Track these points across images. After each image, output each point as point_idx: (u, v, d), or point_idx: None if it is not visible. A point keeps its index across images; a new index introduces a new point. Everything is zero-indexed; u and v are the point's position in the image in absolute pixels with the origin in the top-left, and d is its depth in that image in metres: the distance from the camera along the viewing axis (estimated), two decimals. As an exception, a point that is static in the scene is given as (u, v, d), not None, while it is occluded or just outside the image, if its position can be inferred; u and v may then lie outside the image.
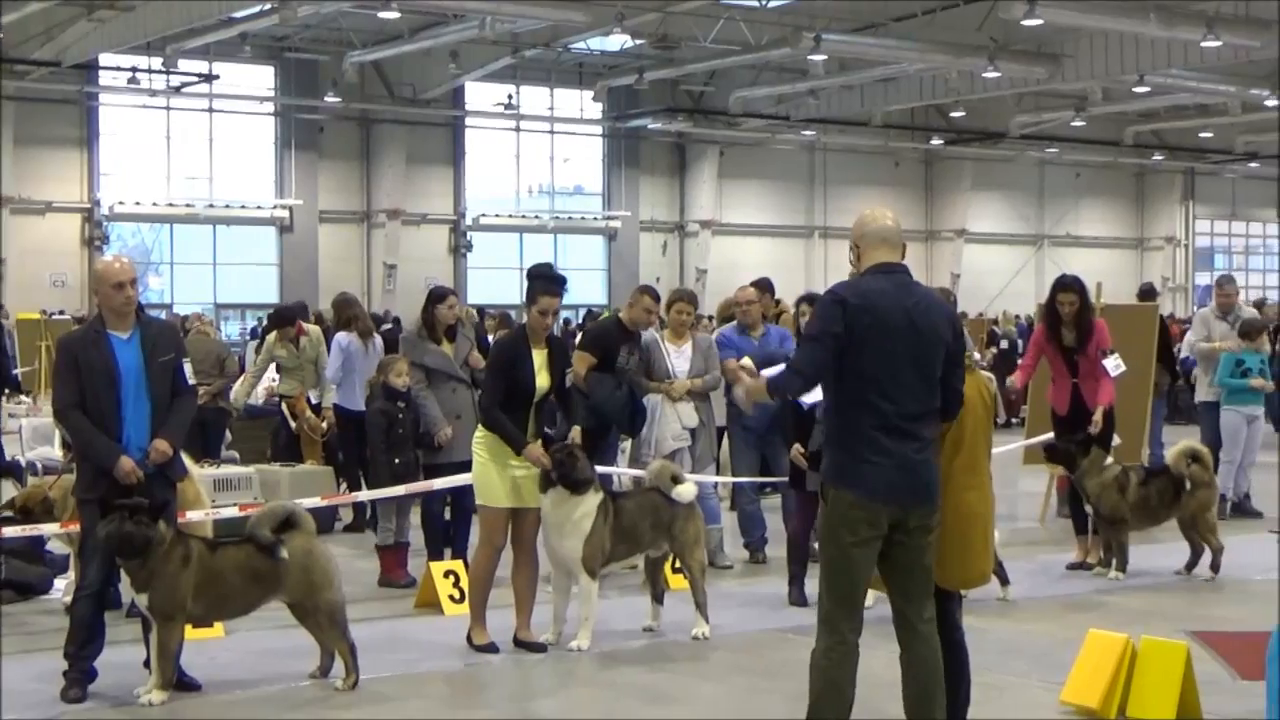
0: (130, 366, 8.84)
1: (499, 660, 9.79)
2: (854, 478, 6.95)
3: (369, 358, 14.35)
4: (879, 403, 6.91)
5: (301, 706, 8.70)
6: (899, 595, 7.12)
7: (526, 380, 9.89)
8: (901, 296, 7.07)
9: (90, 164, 42.79)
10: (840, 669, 6.92)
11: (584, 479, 9.88)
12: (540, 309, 9.96)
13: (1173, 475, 12.53)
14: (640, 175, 50.61)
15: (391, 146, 45.79)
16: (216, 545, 9.06)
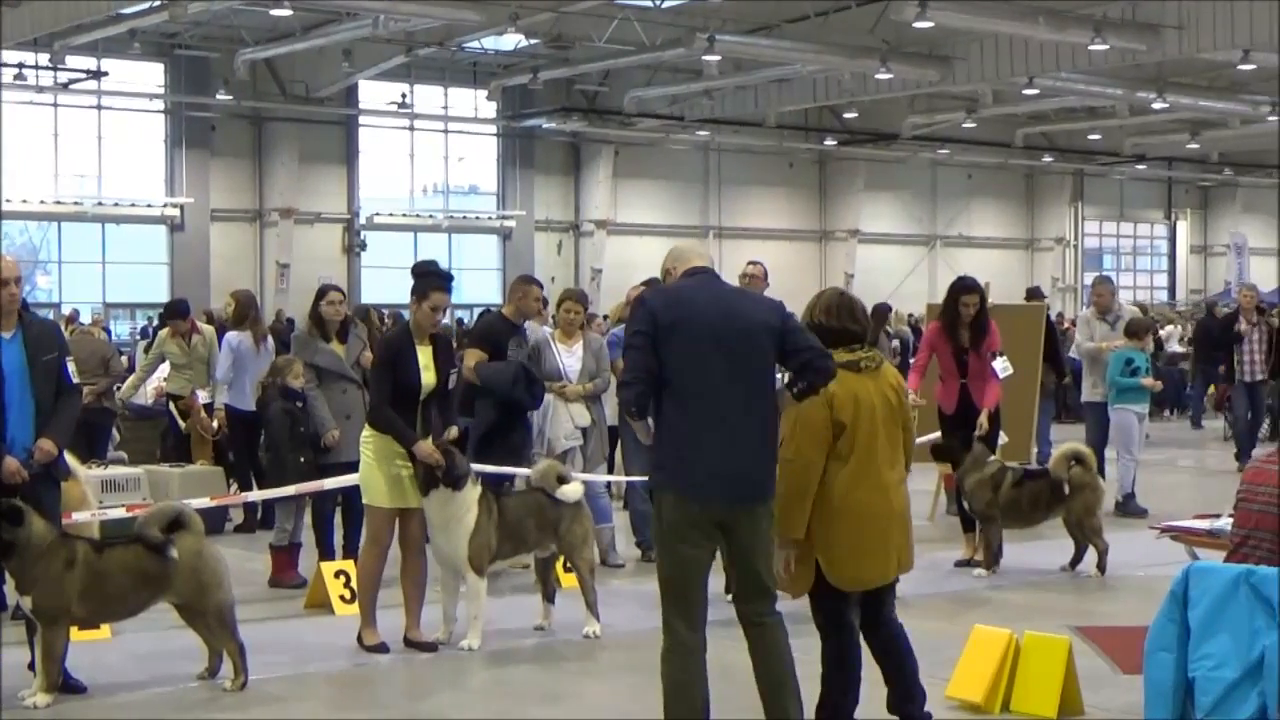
0: (13, 366, 8.75)
1: (389, 660, 9.78)
2: (674, 478, 6.98)
3: (260, 358, 14.27)
4: (694, 399, 6.91)
5: (190, 708, 8.65)
6: (736, 593, 7.20)
7: (412, 377, 9.88)
8: (709, 290, 7.11)
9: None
10: (683, 670, 6.95)
11: (463, 474, 9.90)
12: (432, 305, 9.94)
13: (1051, 478, 12.68)
14: (535, 175, 50.57)
15: (284, 145, 45.44)
16: (103, 546, 8.99)
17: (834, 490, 7.17)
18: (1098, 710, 8.27)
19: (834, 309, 7.49)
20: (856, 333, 7.45)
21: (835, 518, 7.16)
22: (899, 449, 7.45)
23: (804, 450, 7.13)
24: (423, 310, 9.96)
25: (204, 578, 8.93)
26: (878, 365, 7.43)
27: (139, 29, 38.06)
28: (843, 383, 7.20)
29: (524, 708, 8.75)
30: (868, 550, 7.28)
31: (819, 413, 7.14)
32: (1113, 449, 16.07)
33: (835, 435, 7.16)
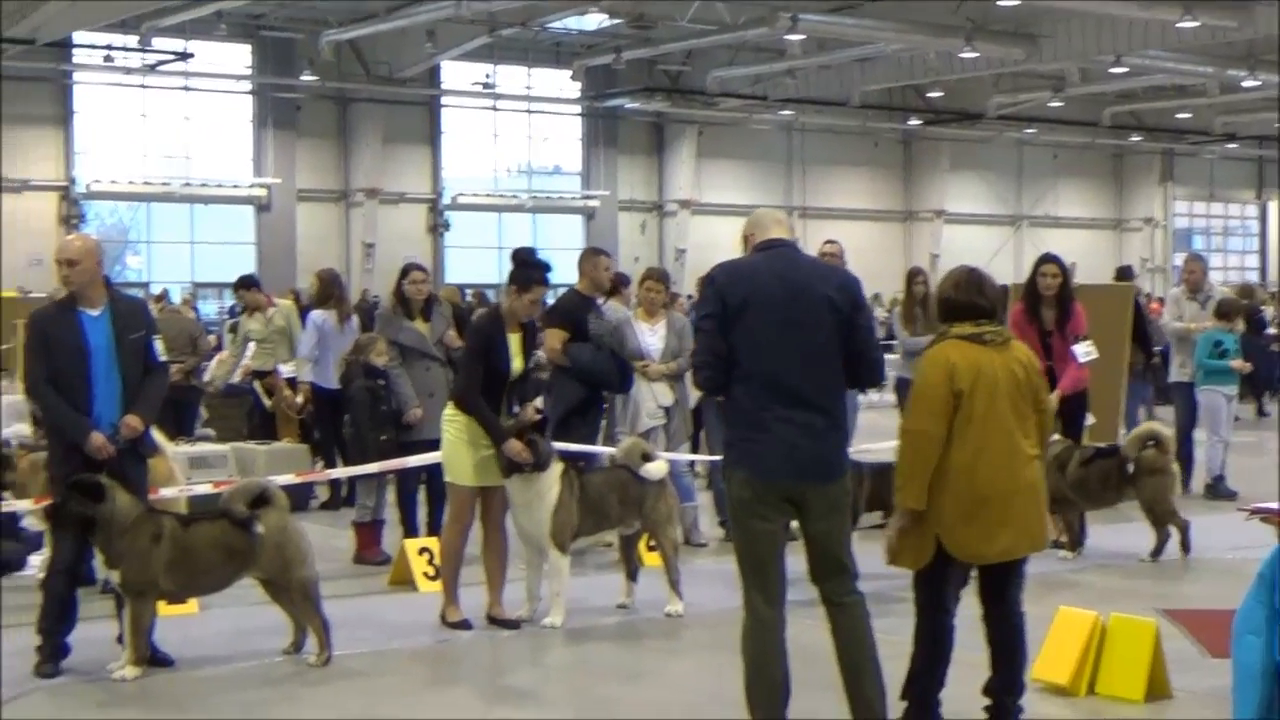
0: (100, 343, 8.85)
1: (472, 637, 9.81)
2: (742, 456, 6.97)
3: (344, 336, 14.33)
4: (762, 377, 6.88)
5: (275, 682, 8.72)
6: (812, 573, 7.16)
7: (503, 364, 9.91)
8: (778, 267, 7.05)
9: (66, 142, 42.65)
10: (761, 646, 6.93)
11: (547, 458, 9.91)
12: (532, 297, 9.97)
13: (1120, 458, 12.47)
14: (618, 155, 50.58)
15: (369, 125, 45.69)
16: (189, 521, 9.07)
17: (953, 462, 7.07)
18: (1185, 693, 8.18)
19: (962, 284, 7.39)
20: (984, 307, 7.34)
21: (953, 489, 7.07)
22: (1029, 424, 7.29)
23: (921, 420, 7.08)
24: (521, 301, 9.97)
25: (288, 553, 9.00)
26: (1005, 340, 7.31)
27: (225, 11, 38.37)
28: (965, 354, 7.12)
29: (606, 685, 8.75)
30: (987, 524, 7.13)
31: (939, 383, 7.07)
32: (1202, 430, 15.88)
33: (955, 406, 7.08)
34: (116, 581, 8.73)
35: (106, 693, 8.46)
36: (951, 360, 7.11)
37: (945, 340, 7.25)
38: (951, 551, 7.13)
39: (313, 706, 8.26)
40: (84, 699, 8.38)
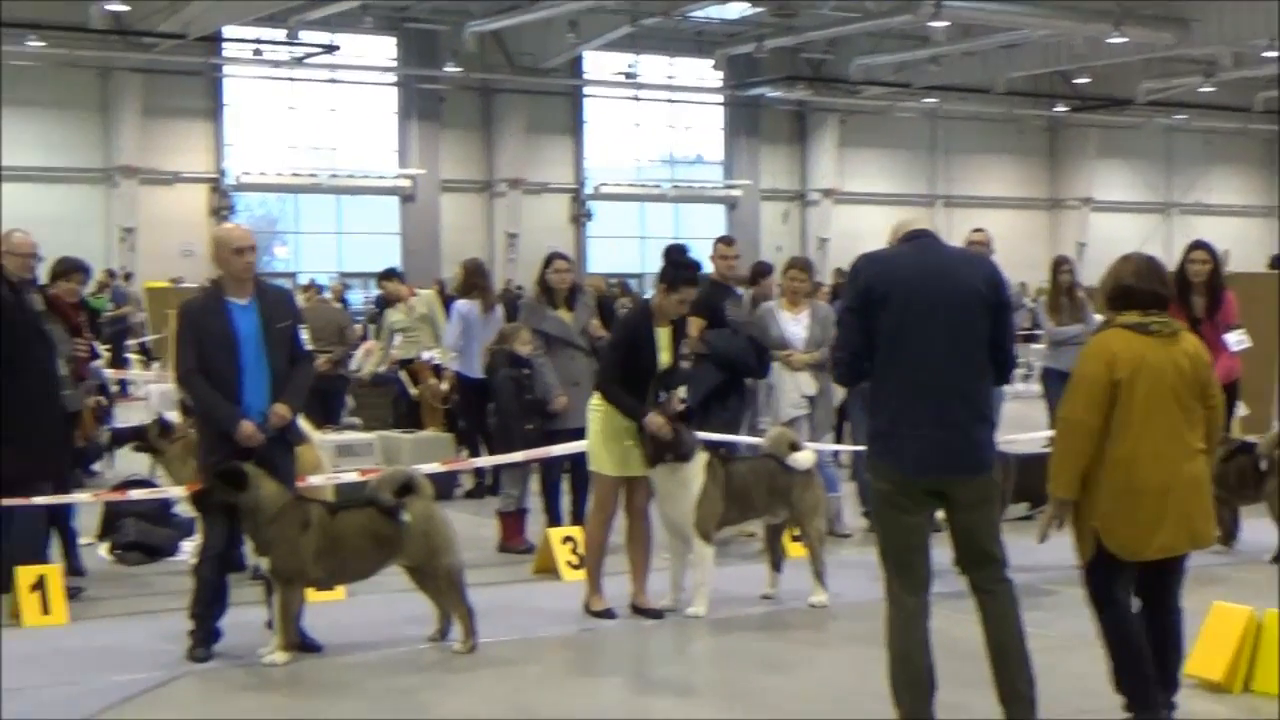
0: (249, 332, 8.96)
1: (616, 626, 9.82)
2: (885, 449, 6.89)
3: (488, 326, 14.40)
4: (907, 368, 6.80)
5: (421, 669, 8.78)
6: (960, 563, 7.05)
7: (649, 359, 9.91)
8: (923, 256, 6.96)
9: (216, 135, 43.37)
10: (906, 638, 6.84)
11: (691, 447, 9.89)
12: (681, 298, 9.96)
13: (1255, 456, 12.09)
14: (761, 144, 50.45)
15: (512, 116, 45.96)
16: (337, 509, 9.16)
17: (1111, 454, 6.92)
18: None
19: (1144, 272, 7.21)
20: (1165, 296, 7.19)
21: (1110, 482, 6.92)
22: (1194, 417, 7.11)
23: (1077, 409, 6.94)
24: (670, 300, 9.96)
25: (434, 541, 9.06)
26: (1173, 331, 7.13)
27: (370, 4, 38.82)
28: (1128, 344, 6.96)
29: (751, 676, 8.70)
30: (1144, 519, 6.96)
31: (1097, 373, 6.93)
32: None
33: (1114, 397, 6.93)
34: (266, 568, 8.84)
35: (256, 677, 8.57)
36: (1113, 350, 6.96)
37: (1109, 329, 7.10)
38: (1109, 547, 6.99)
39: (458, 694, 8.31)
40: (235, 683, 8.49)
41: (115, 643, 9.32)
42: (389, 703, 8.15)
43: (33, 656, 8.94)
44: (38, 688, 8.30)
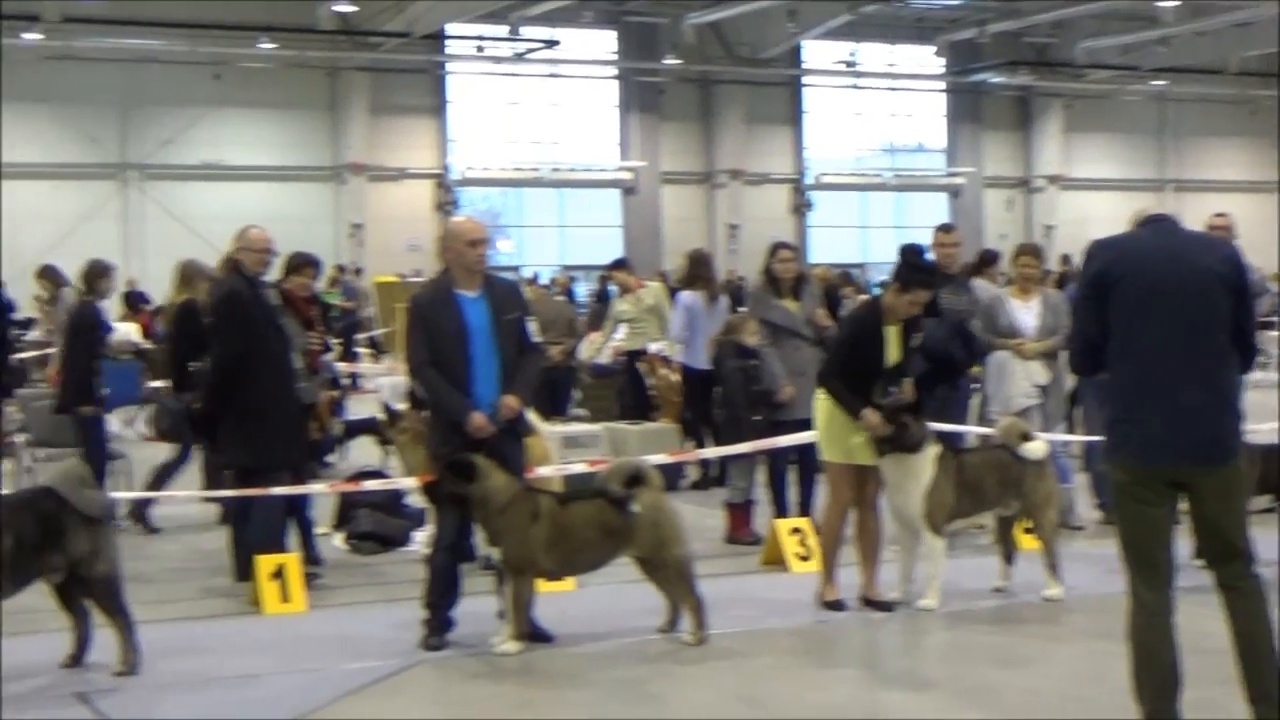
0: (479, 324, 9.03)
1: (846, 618, 9.72)
2: (1123, 438, 6.66)
3: (713, 317, 14.37)
4: (1142, 356, 6.57)
5: (651, 660, 8.77)
6: (1204, 557, 6.82)
7: (875, 357, 9.81)
8: (1160, 240, 6.72)
9: (441, 131, 44.03)
10: (1148, 634, 6.62)
11: (918, 439, 9.75)
12: (913, 299, 9.83)
13: None
14: (983, 130, 49.76)
15: (731, 107, 45.93)
16: (567, 500, 9.20)
17: None
18: None
19: None
20: None
21: None
22: None
23: None
24: (901, 300, 9.84)
25: (664, 532, 9.05)
26: None
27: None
28: None
29: (984, 670, 8.54)
30: None
31: None
32: None
33: None
34: (497, 558, 8.91)
35: (489, 666, 8.64)
36: None
37: None
38: None
39: (689, 684, 8.29)
40: (467, 672, 8.57)
41: (351, 631, 9.49)
42: (619, 693, 8.16)
43: (273, 643, 9.15)
44: (278, 674, 8.47)
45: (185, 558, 12.12)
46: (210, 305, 10.91)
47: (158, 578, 11.23)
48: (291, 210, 38.83)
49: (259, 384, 10.38)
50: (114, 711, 7.72)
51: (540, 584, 9.08)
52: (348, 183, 42.34)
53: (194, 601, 10.53)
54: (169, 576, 11.36)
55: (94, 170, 40.78)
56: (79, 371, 13.19)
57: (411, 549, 12.03)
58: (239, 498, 10.74)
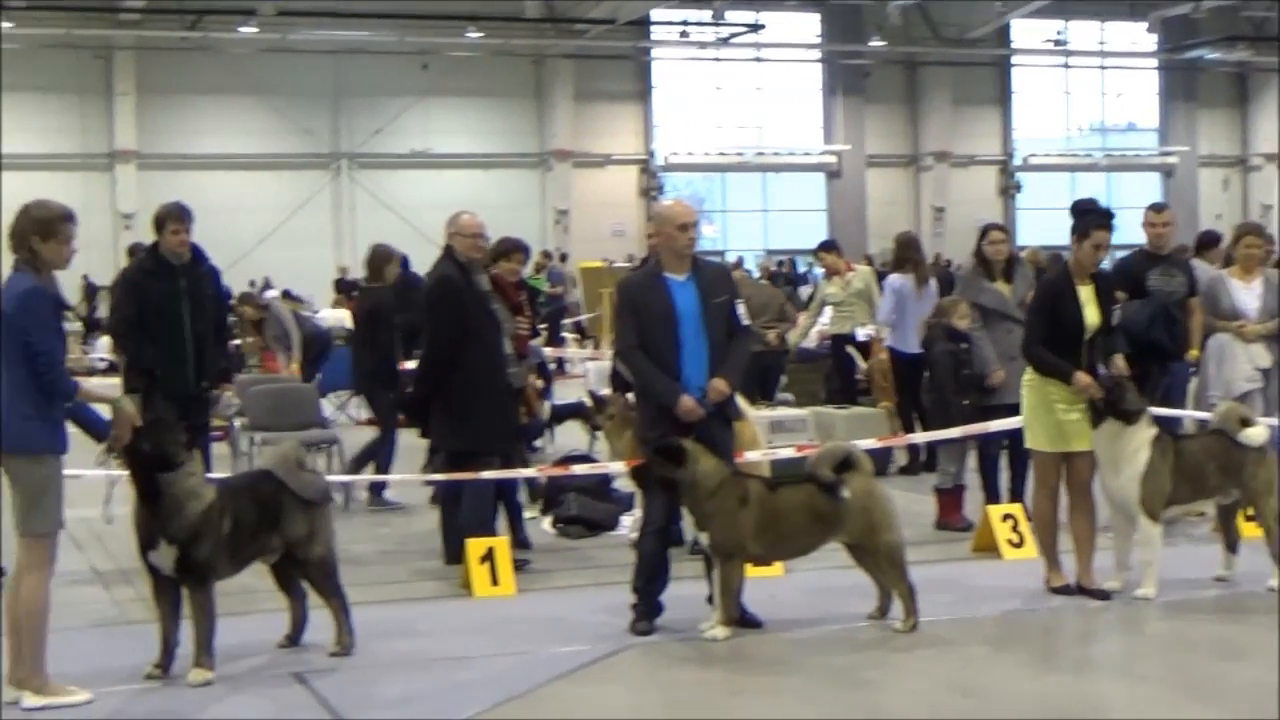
0: (688, 308, 9.00)
1: (1061, 606, 9.52)
2: None
3: (922, 300, 14.21)
4: None
5: (861, 646, 8.67)
6: None
7: (1072, 318, 9.61)
8: None
9: (645, 117, 44.18)
10: None
11: (1134, 409, 9.51)
12: (1094, 243, 9.66)
13: None
14: (1198, 108, 48.58)
15: (937, 88, 45.46)
16: (776, 485, 9.13)
17: None
18: None
19: None
20: None
21: None
22: None
23: None
24: (1084, 249, 9.67)
25: (874, 518, 8.95)
26: None
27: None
28: None
29: (1205, 662, 8.32)
30: None
31: None
32: None
33: None
34: (706, 543, 8.87)
35: (698, 651, 8.61)
36: None
37: None
38: None
39: (900, 672, 8.18)
40: (676, 657, 8.54)
41: (560, 614, 9.52)
42: (830, 680, 8.07)
43: (482, 626, 9.21)
44: (488, 656, 8.53)
45: (398, 540, 12.29)
46: (424, 292, 11.04)
47: (371, 560, 11.39)
48: (498, 197, 39.24)
49: (471, 369, 10.47)
50: (330, 691, 7.83)
51: (749, 569, 9.03)
52: (553, 169, 42.70)
53: (406, 584, 10.66)
54: (382, 559, 11.52)
55: (307, 160, 41.65)
56: (378, 358, 13.66)
57: (619, 533, 12.07)
58: (449, 482, 10.85)
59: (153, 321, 11.02)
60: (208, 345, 11.16)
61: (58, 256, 7.69)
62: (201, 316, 11.08)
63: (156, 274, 11.07)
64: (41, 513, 7.54)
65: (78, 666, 8.04)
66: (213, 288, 11.41)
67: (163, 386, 10.84)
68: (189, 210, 11.15)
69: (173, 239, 11.01)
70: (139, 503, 7.98)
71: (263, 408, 14.14)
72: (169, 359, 10.95)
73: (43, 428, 7.53)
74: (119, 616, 9.71)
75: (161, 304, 10.99)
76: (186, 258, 11.07)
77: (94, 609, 9.87)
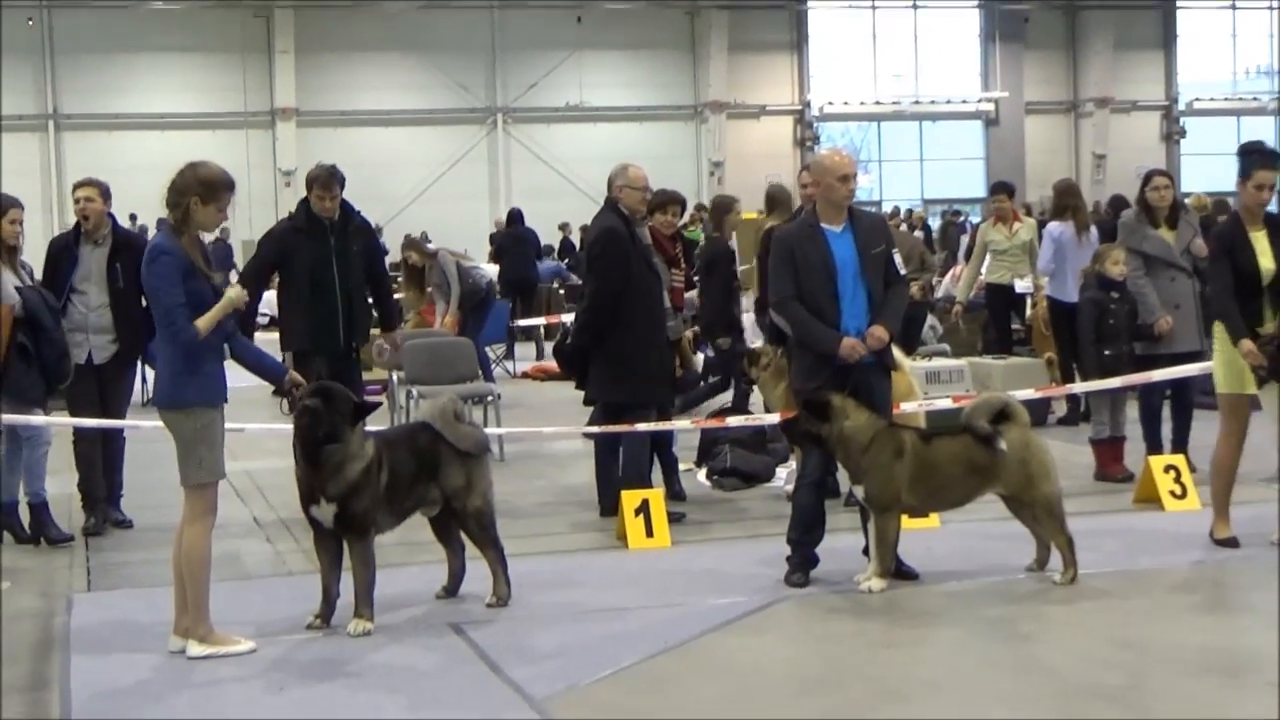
0: (845, 259, 8.92)
1: (1228, 558, 9.33)
2: None
3: (1082, 249, 13.96)
4: None
5: (1019, 599, 8.58)
6: None
7: (1246, 265, 9.40)
8: None
9: (800, 67, 43.89)
10: None
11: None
12: (1256, 183, 9.45)
13: None
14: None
15: (1098, 32, 44.64)
16: (931, 437, 9.05)
17: None
18: None
19: None
20: None
21: None
22: None
23: None
24: (1247, 191, 9.49)
25: (1032, 469, 8.84)
26: None
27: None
28: None
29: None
30: None
31: None
32: None
33: None
34: (861, 495, 8.82)
35: (853, 603, 8.57)
36: None
37: None
38: None
39: (1059, 625, 8.07)
40: (832, 609, 8.50)
41: (714, 566, 9.52)
42: (987, 633, 8.00)
43: (638, 578, 9.24)
44: (643, 608, 8.55)
45: (554, 492, 12.36)
46: (587, 243, 11.05)
47: (528, 512, 11.47)
48: (652, 149, 39.21)
49: (631, 322, 10.48)
50: (487, 642, 7.90)
51: (905, 521, 8.96)
52: (707, 121, 42.60)
53: (562, 535, 10.73)
54: (539, 511, 11.59)
55: (462, 115, 41.94)
56: (716, 305, 14.14)
57: (775, 485, 12.04)
58: (605, 434, 10.89)
59: (302, 280, 11.09)
60: (358, 304, 11.21)
61: (211, 220, 7.75)
62: (350, 275, 11.11)
63: (307, 232, 11.13)
64: (197, 464, 7.65)
65: (240, 616, 8.20)
66: (363, 243, 11.41)
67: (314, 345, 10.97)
68: (338, 174, 11.14)
69: (318, 204, 11.09)
70: (301, 461, 8.08)
71: (420, 361, 14.26)
72: (319, 318, 11.02)
73: (191, 380, 7.62)
74: (281, 567, 9.89)
75: (310, 263, 11.05)
76: (335, 216, 11.12)
77: (256, 560, 10.07)
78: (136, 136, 38.62)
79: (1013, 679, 7.19)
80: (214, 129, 39.37)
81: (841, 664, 7.52)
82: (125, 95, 39.51)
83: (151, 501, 10.99)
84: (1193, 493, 10.63)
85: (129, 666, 7.62)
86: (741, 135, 43.05)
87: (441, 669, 7.55)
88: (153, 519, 10.72)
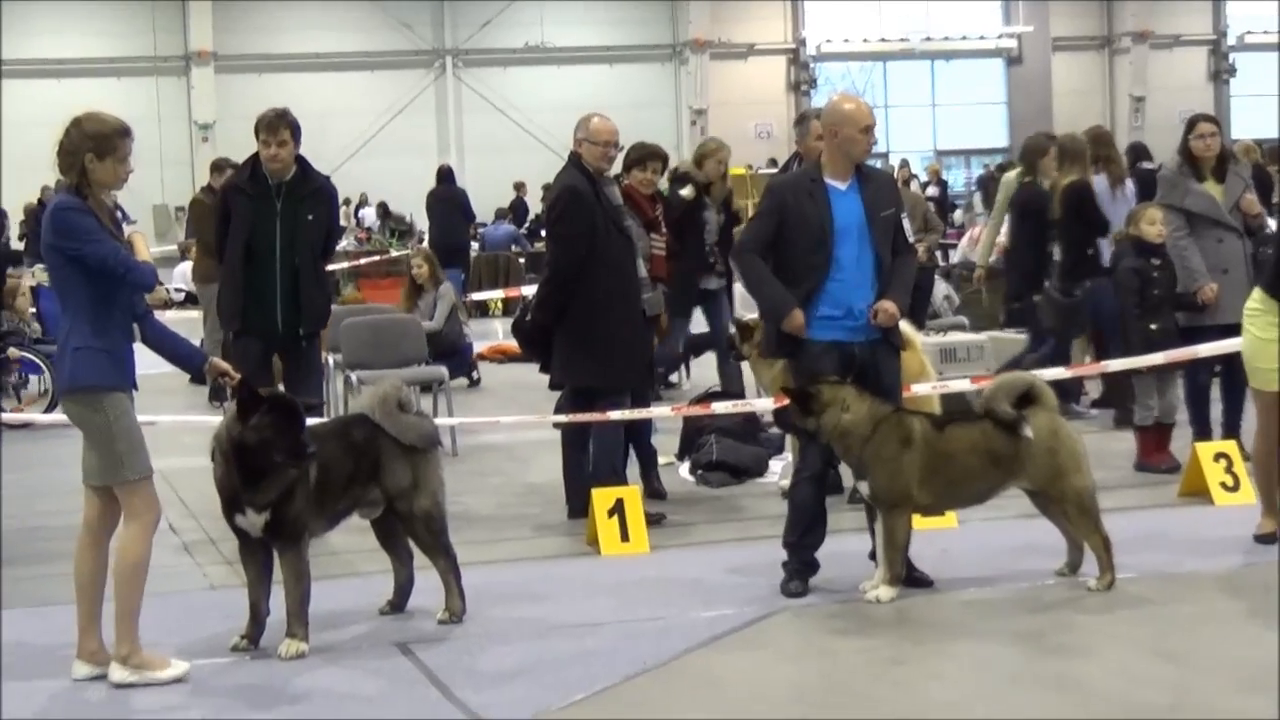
0: (848, 221, 8.93)
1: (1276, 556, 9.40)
2: None
3: (1118, 204, 14.02)
4: None
5: (1047, 608, 8.63)
6: None
7: None
8: None
9: (794, 1, 43.90)
10: None
11: None
12: None
13: None
14: None
15: (1136, -42, 44.81)
16: (945, 424, 9.09)
17: None
18: None
19: None
20: None
21: None
22: None
23: None
24: None
25: (1061, 459, 8.87)
26: None
27: None
28: None
29: None
30: None
31: None
32: None
33: None
34: (865, 492, 8.86)
35: (857, 616, 8.60)
36: None
37: None
38: None
39: (1095, 637, 8.12)
40: (832, 623, 8.53)
41: (700, 574, 9.54)
42: (1012, 647, 8.05)
43: (613, 588, 9.27)
44: (618, 622, 8.57)
45: (515, 491, 12.38)
46: (546, 204, 11.01)
47: (485, 514, 11.49)
48: (625, 96, 39.22)
49: (599, 294, 10.46)
50: (438, 663, 7.92)
51: (917, 520, 9.00)
52: (688, 62, 42.60)
53: (524, 541, 10.75)
54: (497, 513, 11.61)
55: (406, 58, 41.90)
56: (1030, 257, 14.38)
57: (768, 480, 12.07)
58: (573, 425, 10.89)
59: (236, 247, 10.81)
60: (306, 281, 10.86)
61: (112, 176, 7.70)
62: (296, 246, 10.76)
63: (250, 192, 10.82)
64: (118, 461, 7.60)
65: (154, 637, 8.16)
66: (320, 212, 11.00)
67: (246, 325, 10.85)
68: (288, 117, 10.76)
69: (264, 151, 10.72)
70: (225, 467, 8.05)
71: (359, 341, 14.16)
72: (254, 294, 10.79)
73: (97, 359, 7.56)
74: (201, 581, 9.89)
75: (248, 227, 10.77)
76: (287, 176, 10.78)
77: (171, 573, 10.03)
78: (30, 85, 38.45)
79: (1041, 699, 7.22)
80: (119, 75, 39.21)
81: (845, 684, 7.56)
82: (17, 39, 39.33)
83: (40, 508, 10.98)
84: (1246, 484, 10.69)
85: (26, 696, 7.61)
86: (727, 79, 43.04)
87: (386, 695, 7.57)
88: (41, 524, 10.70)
